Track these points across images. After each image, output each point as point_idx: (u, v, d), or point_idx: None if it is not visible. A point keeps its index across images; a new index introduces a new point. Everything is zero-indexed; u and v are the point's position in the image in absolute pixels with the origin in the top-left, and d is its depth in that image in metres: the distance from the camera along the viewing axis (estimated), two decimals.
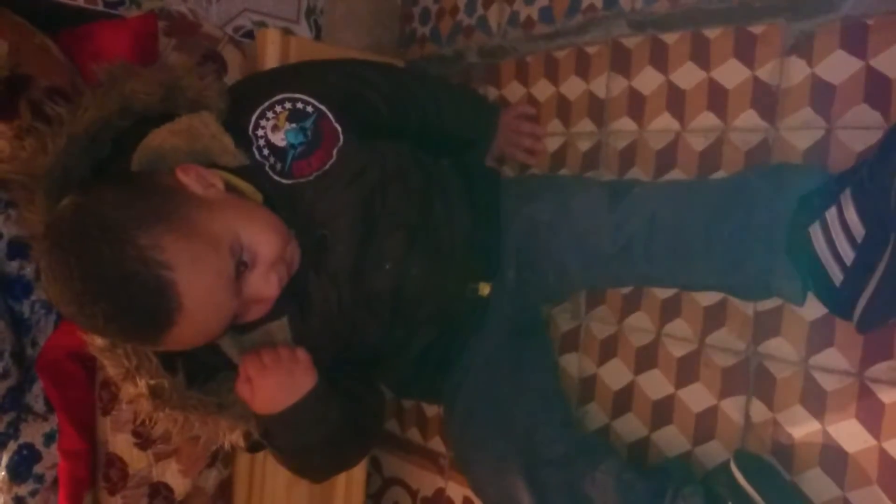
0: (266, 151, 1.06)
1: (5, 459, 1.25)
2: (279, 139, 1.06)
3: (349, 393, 1.16)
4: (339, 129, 1.09)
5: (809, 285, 0.98)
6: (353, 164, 1.08)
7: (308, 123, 1.07)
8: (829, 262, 0.92)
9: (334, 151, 1.07)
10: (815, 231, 0.93)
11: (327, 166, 1.07)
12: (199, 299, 0.90)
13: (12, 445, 1.26)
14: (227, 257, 0.92)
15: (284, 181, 1.05)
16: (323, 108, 1.09)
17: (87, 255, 0.87)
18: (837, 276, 0.92)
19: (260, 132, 1.06)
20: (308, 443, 1.09)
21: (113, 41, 1.24)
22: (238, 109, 1.08)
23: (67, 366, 1.21)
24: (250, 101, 1.08)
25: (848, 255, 0.90)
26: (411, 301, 1.13)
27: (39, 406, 1.27)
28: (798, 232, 0.95)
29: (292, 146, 1.06)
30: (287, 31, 1.47)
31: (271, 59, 1.39)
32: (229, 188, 1.00)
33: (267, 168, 1.05)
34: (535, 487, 1.10)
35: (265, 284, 0.97)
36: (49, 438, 1.28)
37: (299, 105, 1.08)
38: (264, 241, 0.96)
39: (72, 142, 0.99)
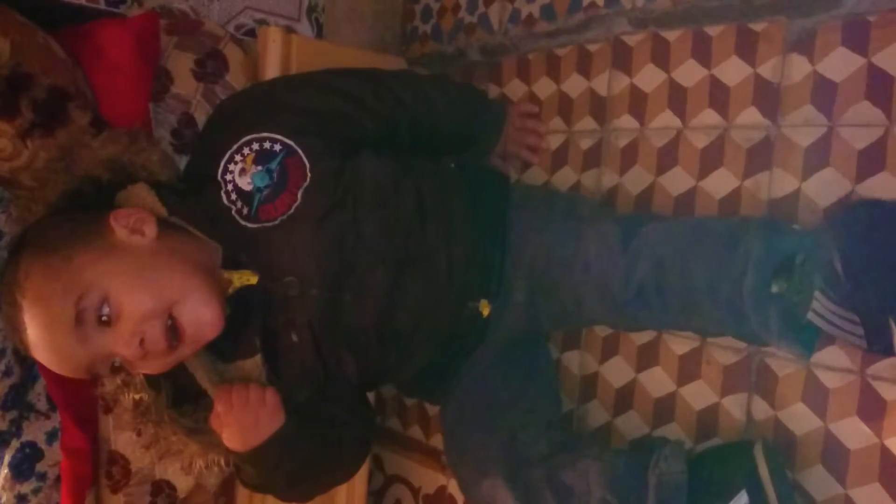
0: (234, 196, 1.07)
1: (8, 457, 1.26)
2: (246, 183, 1.07)
3: (331, 421, 1.17)
4: (308, 164, 1.08)
5: (810, 344, 0.99)
6: (320, 204, 1.07)
7: (274, 164, 1.07)
8: (847, 337, 0.92)
9: (299, 193, 1.06)
10: (816, 319, 0.92)
11: (293, 209, 1.06)
12: (36, 331, 0.96)
13: (15, 443, 1.26)
14: (69, 304, 0.94)
15: (250, 225, 1.06)
16: (291, 142, 1.08)
17: (6, 261, 1.01)
18: (860, 342, 0.92)
19: (228, 177, 1.07)
20: (271, 481, 1.13)
21: (114, 39, 1.24)
22: (208, 153, 1.11)
23: None
24: (219, 143, 1.10)
25: (858, 330, 0.90)
26: (405, 328, 1.13)
27: (42, 404, 1.28)
28: (791, 308, 0.94)
29: (258, 189, 1.06)
30: (289, 30, 1.48)
31: (273, 57, 1.39)
32: (172, 234, 1.03)
33: (233, 213, 1.06)
34: (517, 488, 1.10)
35: (120, 342, 0.96)
36: (51, 436, 1.29)
37: (266, 144, 1.08)
38: (132, 299, 0.96)
39: (50, 206, 1.06)
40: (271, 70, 1.39)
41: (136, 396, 1.09)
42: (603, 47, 1.35)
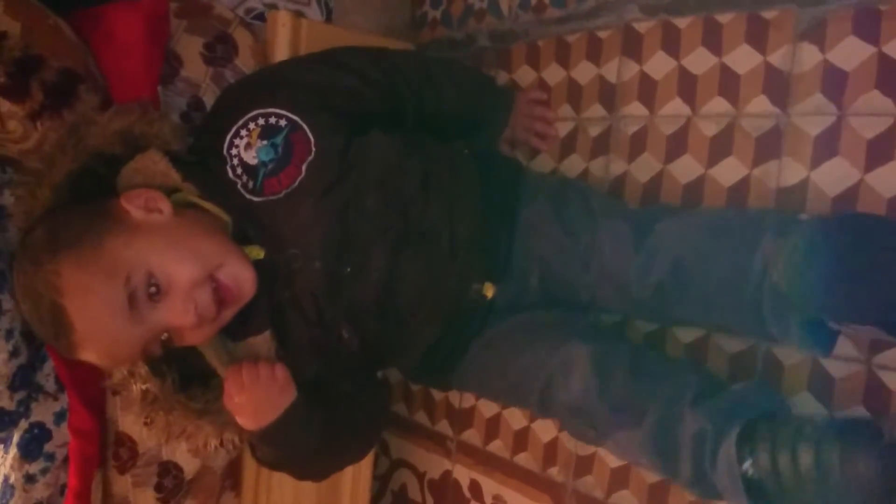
0: (239, 170, 1.08)
1: (16, 438, 1.27)
2: (251, 157, 1.08)
3: (344, 398, 1.18)
4: (313, 139, 1.08)
5: (830, 345, 0.99)
6: (324, 178, 1.08)
7: (279, 139, 1.08)
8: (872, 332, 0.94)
9: (303, 167, 1.07)
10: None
11: (297, 183, 1.07)
12: (89, 325, 0.95)
13: (23, 424, 1.27)
14: (119, 287, 0.94)
15: (255, 199, 1.07)
16: (296, 118, 1.09)
17: (18, 272, 0.99)
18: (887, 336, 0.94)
19: (234, 151, 1.08)
20: (288, 457, 1.14)
21: (125, 23, 1.25)
22: (215, 129, 1.12)
23: None
24: (226, 120, 1.11)
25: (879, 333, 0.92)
26: (407, 306, 1.13)
27: (50, 385, 1.29)
28: (811, 320, 0.96)
29: (263, 164, 1.07)
30: (298, 14, 1.47)
31: (282, 41, 1.39)
32: (188, 208, 1.04)
33: (239, 187, 1.07)
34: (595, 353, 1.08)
35: (177, 312, 0.97)
36: (60, 417, 1.30)
37: (272, 120, 1.09)
38: (178, 268, 0.97)
39: (56, 189, 1.05)
40: (280, 54, 1.39)
41: (143, 387, 1.09)
42: (613, 34, 1.34)
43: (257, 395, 1.04)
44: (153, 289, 0.96)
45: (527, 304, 1.20)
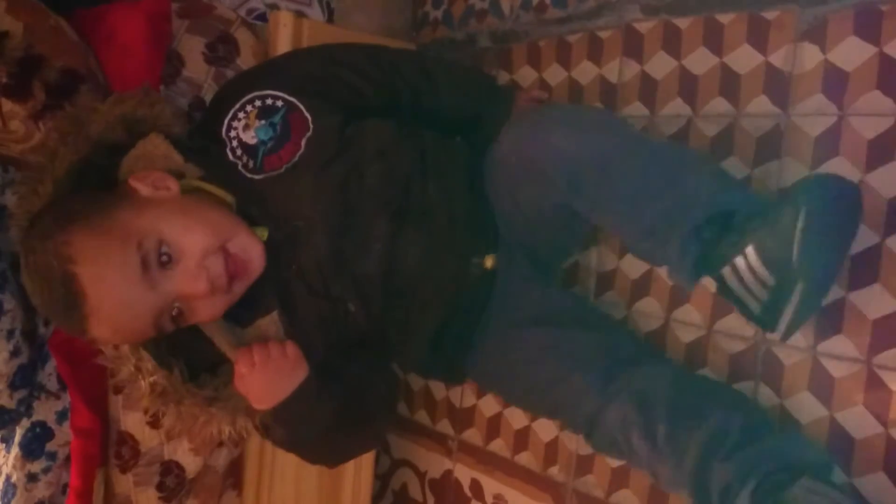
0: (239, 152, 1.10)
1: (18, 437, 1.27)
2: (250, 137, 1.09)
3: (355, 379, 1.17)
4: (310, 117, 1.10)
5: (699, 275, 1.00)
6: (324, 151, 1.09)
7: (277, 118, 1.10)
8: (744, 298, 0.95)
9: (303, 141, 1.09)
10: (729, 273, 0.94)
11: (297, 157, 1.08)
12: (103, 291, 0.95)
13: (25, 423, 1.27)
14: (132, 252, 0.95)
15: (256, 177, 1.08)
16: (293, 99, 1.11)
17: (26, 252, 0.98)
18: (750, 310, 0.95)
19: (232, 133, 1.10)
20: (303, 436, 1.13)
21: (126, 22, 1.25)
22: (213, 115, 1.14)
23: (80, 344, 1.22)
24: (224, 105, 1.13)
25: (761, 294, 0.93)
26: (409, 281, 1.14)
27: (52, 384, 1.29)
28: (709, 254, 0.97)
29: (262, 142, 1.09)
30: (300, 14, 1.48)
31: (284, 41, 1.40)
32: (193, 192, 1.05)
33: (240, 167, 1.09)
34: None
35: (189, 279, 0.98)
36: (62, 416, 1.30)
37: (269, 101, 1.11)
38: (190, 236, 0.98)
39: (58, 184, 1.05)
40: None
41: (151, 380, 1.09)
42: (614, 34, 1.34)
43: (269, 374, 1.04)
44: (164, 257, 0.97)
45: (523, 275, 1.22)
